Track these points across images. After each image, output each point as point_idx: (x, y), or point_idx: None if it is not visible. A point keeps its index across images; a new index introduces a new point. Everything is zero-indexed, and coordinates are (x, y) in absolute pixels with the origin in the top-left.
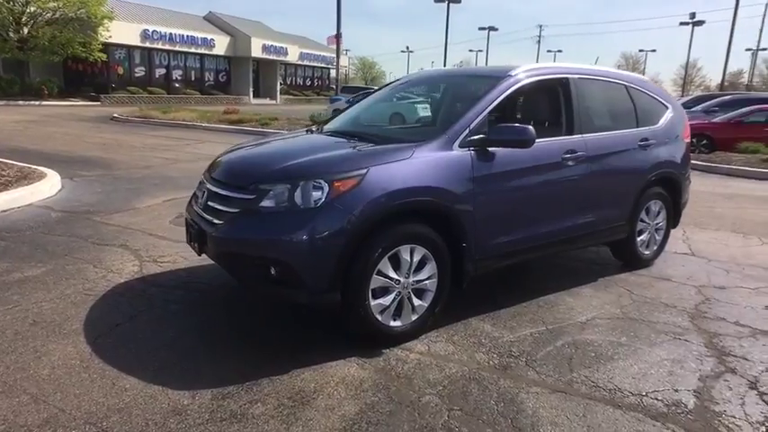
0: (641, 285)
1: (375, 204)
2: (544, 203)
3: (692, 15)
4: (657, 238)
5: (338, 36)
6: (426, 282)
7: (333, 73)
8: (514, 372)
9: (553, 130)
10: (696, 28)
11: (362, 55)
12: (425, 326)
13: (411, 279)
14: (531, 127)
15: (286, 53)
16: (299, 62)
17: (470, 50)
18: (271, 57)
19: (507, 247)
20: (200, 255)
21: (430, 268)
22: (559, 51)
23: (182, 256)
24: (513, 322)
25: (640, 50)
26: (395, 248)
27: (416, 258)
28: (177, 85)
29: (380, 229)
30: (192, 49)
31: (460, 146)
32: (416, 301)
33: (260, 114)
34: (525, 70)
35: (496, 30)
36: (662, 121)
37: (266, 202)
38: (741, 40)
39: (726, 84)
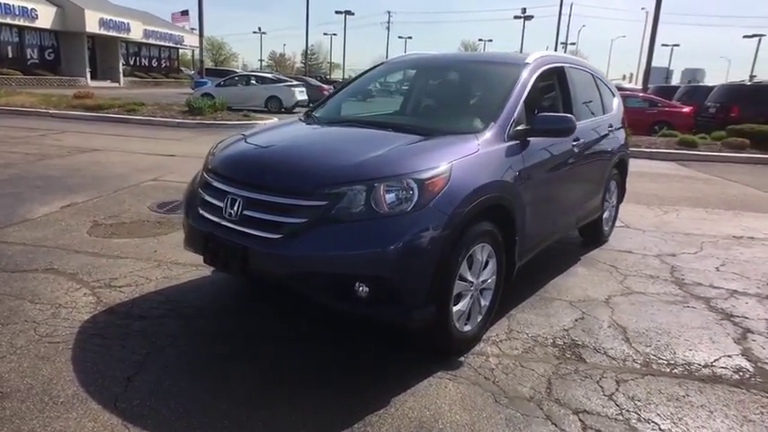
0: (617, 260)
1: (466, 203)
2: (562, 191)
3: (524, 10)
4: (612, 215)
5: (200, 15)
6: (489, 280)
7: (182, 53)
8: (592, 360)
9: None
10: (527, 22)
11: (211, 35)
12: (487, 326)
13: (480, 279)
14: (572, 115)
15: (128, 30)
16: (144, 40)
17: (325, 34)
18: (110, 33)
19: (538, 237)
20: (240, 276)
21: (492, 266)
22: (410, 38)
23: (139, 275)
24: (547, 309)
25: (480, 40)
26: (471, 249)
27: (485, 257)
28: None
29: (464, 230)
30: (8, 20)
31: (509, 137)
32: (482, 302)
33: (120, 99)
34: (537, 58)
35: (353, 14)
36: (615, 108)
37: (343, 209)
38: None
39: None
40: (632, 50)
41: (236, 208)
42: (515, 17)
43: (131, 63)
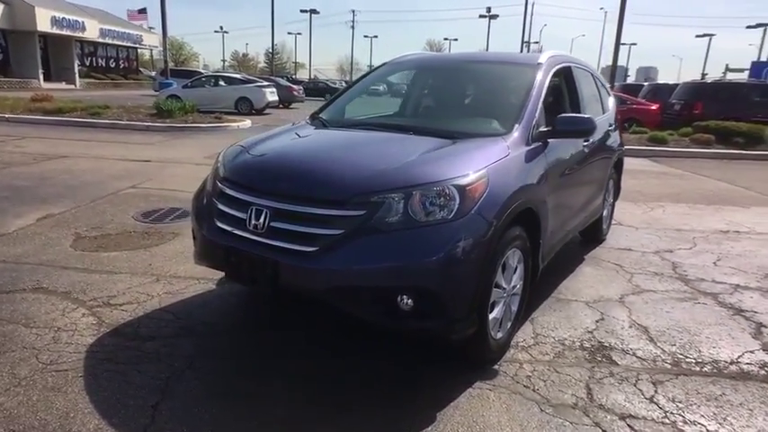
0: (620, 259)
1: (504, 209)
2: (576, 191)
3: (488, 9)
4: (609, 213)
5: (163, 13)
6: (518, 286)
7: (140, 53)
8: (623, 362)
9: None
10: (492, 21)
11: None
12: (515, 332)
13: (511, 285)
14: (591, 116)
15: (83, 28)
16: (101, 40)
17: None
18: (64, 32)
19: (557, 239)
20: (270, 292)
21: (520, 270)
22: (375, 37)
23: (139, 291)
24: (566, 311)
25: (445, 39)
26: (505, 255)
27: (516, 262)
28: None
29: (501, 236)
30: None
31: (533, 139)
32: (512, 308)
33: (82, 102)
34: (549, 58)
35: (318, 13)
36: (611, 107)
37: (381, 218)
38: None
39: None
40: (591, 48)
41: (262, 219)
42: (480, 16)
43: (87, 64)
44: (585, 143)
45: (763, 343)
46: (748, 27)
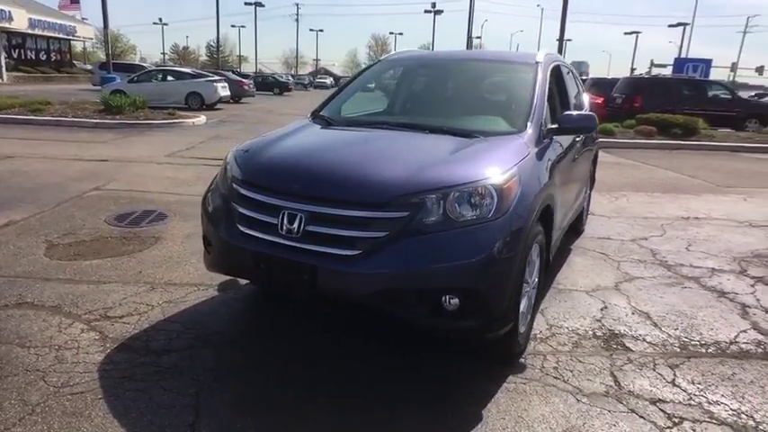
0: (604, 247)
1: (535, 206)
2: (571, 185)
3: (434, 5)
4: (587, 205)
5: (104, 1)
6: (536, 279)
7: (73, 45)
8: (637, 348)
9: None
10: (437, 16)
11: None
12: (531, 324)
13: (532, 279)
14: (594, 113)
15: (10, 18)
16: (30, 31)
17: (233, 26)
18: None
19: (560, 232)
20: (307, 298)
21: (538, 264)
22: (321, 31)
23: (136, 302)
24: (571, 302)
25: (390, 33)
26: (530, 251)
27: (536, 257)
28: None
29: (531, 233)
30: None
31: (543, 137)
32: (532, 301)
33: (18, 98)
34: (545, 56)
35: (263, 6)
36: (587, 103)
37: (423, 219)
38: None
39: None
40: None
41: (296, 224)
42: (426, 11)
43: (15, 56)
44: (577, 139)
45: (752, 322)
46: (670, 26)
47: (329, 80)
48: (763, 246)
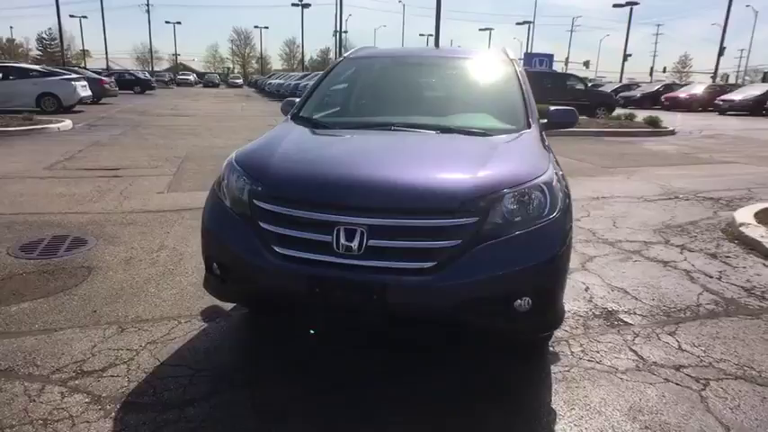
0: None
1: (567, 198)
2: None
3: None
4: None
5: None
6: None
7: None
8: (633, 321)
9: None
10: (305, 9)
11: None
12: None
13: None
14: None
15: None
16: None
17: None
18: None
19: None
20: (379, 320)
21: None
22: (178, 23)
23: (110, 348)
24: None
25: (255, 27)
26: None
27: None
28: None
29: None
30: None
31: (540, 132)
32: None
33: None
34: (511, 53)
35: None
36: None
37: (492, 223)
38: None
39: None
40: (394, 39)
41: (357, 240)
42: (293, 4)
43: None
44: None
45: (701, 285)
46: (517, 23)
47: (192, 77)
48: (667, 217)
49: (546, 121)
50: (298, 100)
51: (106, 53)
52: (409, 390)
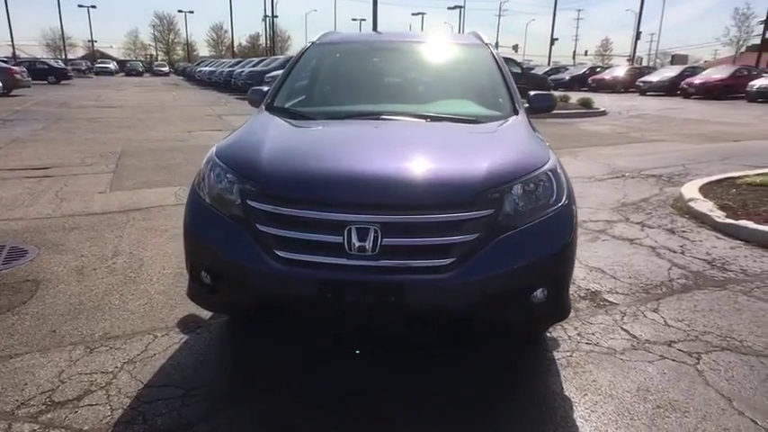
0: None
1: (568, 182)
2: None
3: None
4: None
5: None
6: None
7: None
8: (617, 300)
9: None
10: None
11: None
12: None
13: None
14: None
15: None
16: None
17: None
18: None
19: None
20: (397, 322)
21: None
22: (93, 7)
23: (84, 372)
24: None
25: (179, 11)
26: None
27: None
28: None
29: None
30: None
31: (528, 118)
32: None
33: None
34: (485, 38)
35: None
36: None
37: (506, 214)
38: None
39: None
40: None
41: (370, 239)
42: None
43: None
44: None
45: (669, 260)
46: (449, 8)
47: (113, 65)
48: (620, 195)
49: (527, 106)
50: (266, 89)
51: (11, 39)
52: (418, 397)
